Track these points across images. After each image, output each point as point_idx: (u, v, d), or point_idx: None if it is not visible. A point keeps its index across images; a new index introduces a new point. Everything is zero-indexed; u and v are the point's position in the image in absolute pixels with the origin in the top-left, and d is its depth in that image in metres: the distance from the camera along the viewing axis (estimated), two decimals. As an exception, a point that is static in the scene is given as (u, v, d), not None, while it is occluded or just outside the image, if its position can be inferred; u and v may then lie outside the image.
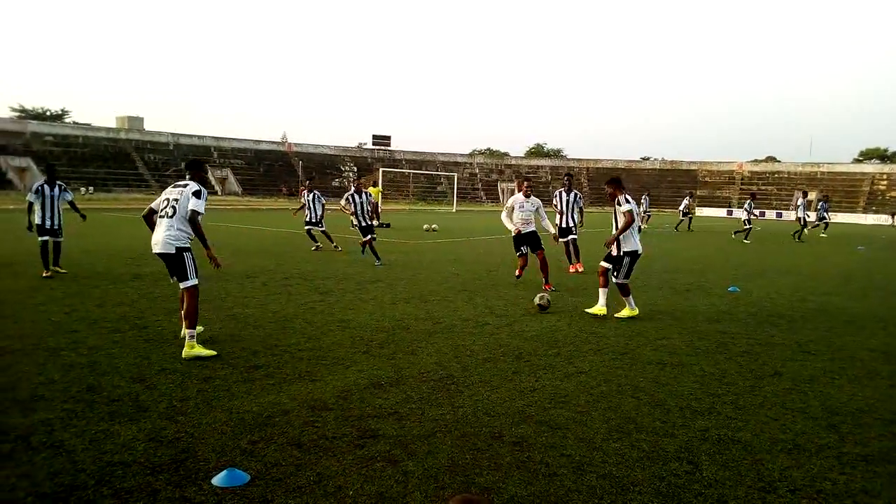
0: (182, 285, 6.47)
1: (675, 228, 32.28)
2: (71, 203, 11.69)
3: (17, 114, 67.33)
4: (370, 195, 14.97)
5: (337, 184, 70.55)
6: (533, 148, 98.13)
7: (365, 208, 14.47)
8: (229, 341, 6.85)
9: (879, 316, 9.67)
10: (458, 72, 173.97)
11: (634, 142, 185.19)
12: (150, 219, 6.64)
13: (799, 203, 29.71)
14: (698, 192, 72.75)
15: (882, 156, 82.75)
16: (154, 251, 6.49)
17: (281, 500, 3.48)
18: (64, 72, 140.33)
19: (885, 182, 68.32)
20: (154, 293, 9.44)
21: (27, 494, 3.46)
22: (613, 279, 8.84)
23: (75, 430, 4.34)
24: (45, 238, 11.06)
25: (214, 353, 6.24)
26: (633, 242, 8.71)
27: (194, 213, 6.38)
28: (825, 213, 31.78)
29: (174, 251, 6.39)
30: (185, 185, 6.53)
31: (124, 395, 5.04)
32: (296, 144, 73.82)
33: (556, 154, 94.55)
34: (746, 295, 11.20)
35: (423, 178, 73.94)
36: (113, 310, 8.24)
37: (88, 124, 64.55)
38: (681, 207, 32.56)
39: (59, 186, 11.36)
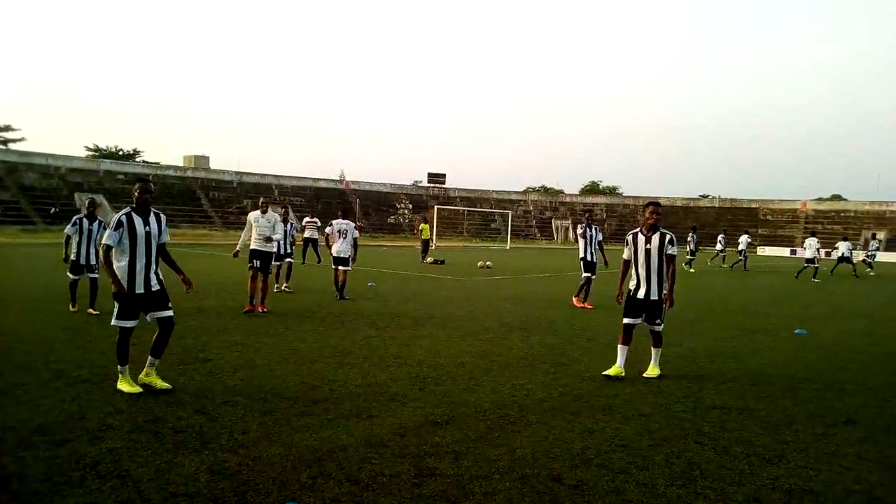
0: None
1: (744, 267, 30.98)
2: None
3: (91, 153, 70.89)
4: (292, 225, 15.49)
5: (392, 220, 71.46)
6: (588, 185, 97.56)
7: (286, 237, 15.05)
8: (290, 375, 6.95)
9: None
10: (513, 109, 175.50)
11: (693, 180, 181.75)
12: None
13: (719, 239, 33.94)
14: (759, 231, 70.73)
15: (957, 193, 79.15)
16: None
17: (339, 537, 3.48)
18: (138, 115, 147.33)
19: (960, 221, 65.18)
20: (216, 326, 9.68)
21: (96, 522, 3.55)
22: (657, 328, 7.48)
23: (141, 459, 4.45)
24: (77, 277, 10.91)
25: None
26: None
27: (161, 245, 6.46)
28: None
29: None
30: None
31: (188, 427, 5.16)
32: (353, 182, 75.27)
33: (612, 192, 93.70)
34: (815, 337, 10.78)
35: (478, 215, 74.24)
36: (177, 342, 8.47)
37: (157, 163, 67.40)
38: (741, 247, 31.58)
39: (100, 223, 11.02)
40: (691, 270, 27.59)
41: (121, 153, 73.87)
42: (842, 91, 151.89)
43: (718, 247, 33.26)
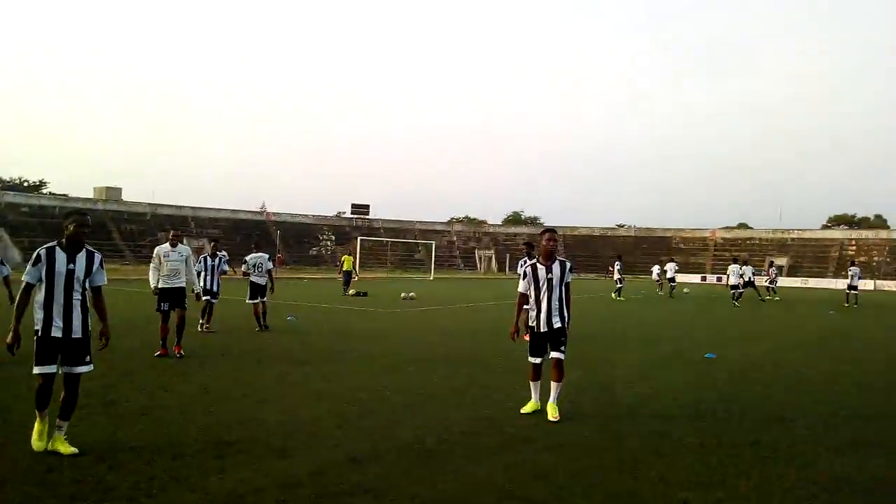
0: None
1: (670, 295, 32.27)
2: (5, 279, 10.47)
3: (-8, 184, 67.01)
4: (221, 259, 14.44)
5: (314, 252, 70.51)
6: (510, 215, 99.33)
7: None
8: (202, 416, 6.66)
9: (855, 380, 9.72)
10: (436, 139, 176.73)
11: (609, 209, 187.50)
12: None
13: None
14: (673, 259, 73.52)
15: (850, 221, 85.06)
16: None
17: (251, 588, 3.31)
18: (44, 143, 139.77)
19: (853, 247, 69.83)
20: (124, 367, 9.19)
21: (-21, 587, 3.26)
22: (560, 354, 7.08)
23: (35, 514, 4.13)
24: None
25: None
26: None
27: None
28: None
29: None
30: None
31: (88, 476, 4.84)
32: (274, 214, 73.99)
33: (534, 221, 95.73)
34: (723, 361, 11.22)
35: (402, 246, 74.21)
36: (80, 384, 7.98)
37: (66, 195, 64.37)
38: (669, 274, 32.78)
39: None
40: (621, 299, 28.23)
41: (25, 184, 70.22)
42: (750, 121, 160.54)
43: (655, 275, 34.17)
